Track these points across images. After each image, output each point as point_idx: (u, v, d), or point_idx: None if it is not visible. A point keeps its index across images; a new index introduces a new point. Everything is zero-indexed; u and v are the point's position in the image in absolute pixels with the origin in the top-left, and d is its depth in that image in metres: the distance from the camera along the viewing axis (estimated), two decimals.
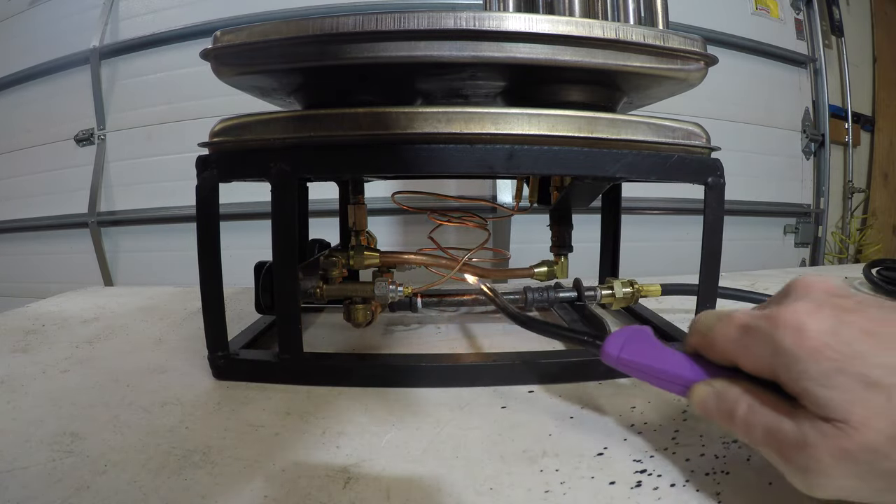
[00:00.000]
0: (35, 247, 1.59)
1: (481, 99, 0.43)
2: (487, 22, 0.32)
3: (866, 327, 0.20)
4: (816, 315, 0.20)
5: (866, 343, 0.19)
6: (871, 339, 0.19)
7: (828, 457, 0.19)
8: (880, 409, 0.18)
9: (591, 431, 0.30)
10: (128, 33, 1.43)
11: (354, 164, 0.34)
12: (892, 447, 0.18)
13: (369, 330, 0.49)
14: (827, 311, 0.20)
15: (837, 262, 1.77)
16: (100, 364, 0.41)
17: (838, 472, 0.19)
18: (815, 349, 0.19)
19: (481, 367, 0.37)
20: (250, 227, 1.24)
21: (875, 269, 0.68)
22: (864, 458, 0.18)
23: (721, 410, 0.23)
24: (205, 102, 1.32)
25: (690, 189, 0.39)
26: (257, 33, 0.34)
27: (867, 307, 0.21)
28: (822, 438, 0.19)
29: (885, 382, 0.18)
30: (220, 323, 0.37)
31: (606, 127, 0.34)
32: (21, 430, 0.30)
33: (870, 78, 1.91)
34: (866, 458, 0.18)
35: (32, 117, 1.55)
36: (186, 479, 0.25)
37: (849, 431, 0.18)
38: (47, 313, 0.59)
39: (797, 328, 0.20)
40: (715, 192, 0.37)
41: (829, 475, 0.19)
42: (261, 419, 0.31)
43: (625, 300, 0.48)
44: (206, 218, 0.36)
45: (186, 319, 0.55)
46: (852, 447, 0.18)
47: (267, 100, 0.43)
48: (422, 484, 0.25)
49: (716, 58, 0.36)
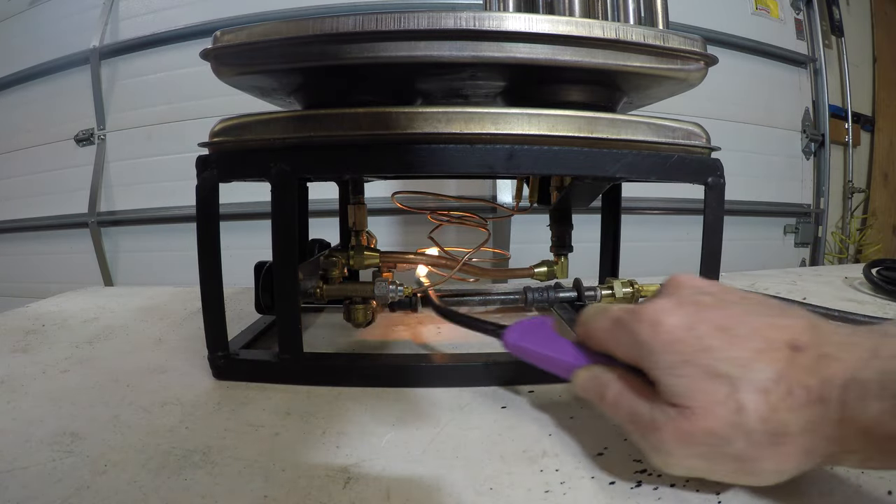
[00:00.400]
0: (35, 247, 1.59)
1: (481, 99, 0.43)
2: (487, 22, 0.32)
3: (720, 323, 0.21)
4: (674, 311, 0.22)
5: (717, 338, 0.21)
6: (723, 334, 0.21)
7: (671, 438, 0.21)
8: (722, 397, 0.20)
9: (591, 431, 0.30)
10: (128, 33, 1.43)
11: (354, 164, 0.34)
12: (734, 433, 0.20)
13: (369, 330, 0.49)
14: (686, 308, 0.22)
15: (837, 262, 1.77)
16: (100, 364, 0.41)
17: (682, 453, 0.21)
18: (667, 342, 0.22)
19: (481, 367, 0.37)
20: (250, 227, 1.24)
21: (875, 269, 0.68)
22: (703, 441, 0.20)
23: (595, 392, 0.25)
24: (205, 102, 1.31)
25: (690, 189, 0.39)
26: (257, 33, 0.34)
27: (728, 304, 0.23)
28: (668, 421, 0.21)
29: (730, 374, 0.20)
30: (220, 323, 0.37)
31: (606, 127, 0.34)
32: (21, 430, 0.30)
33: (870, 78, 1.91)
34: (708, 441, 0.20)
35: (32, 117, 1.55)
36: (186, 479, 0.25)
37: (690, 416, 0.21)
38: (47, 313, 0.59)
39: (654, 323, 0.22)
40: (715, 192, 0.37)
41: (673, 454, 0.21)
42: (261, 419, 0.31)
43: (625, 300, 0.48)
44: (206, 218, 0.36)
45: (186, 319, 0.55)
46: (693, 430, 0.20)
47: (267, 100, 0.43)
48: (422, 484, 0.25)
49: (716, 58, 0.36)
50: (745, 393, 0.20)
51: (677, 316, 0.22)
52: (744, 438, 0.20)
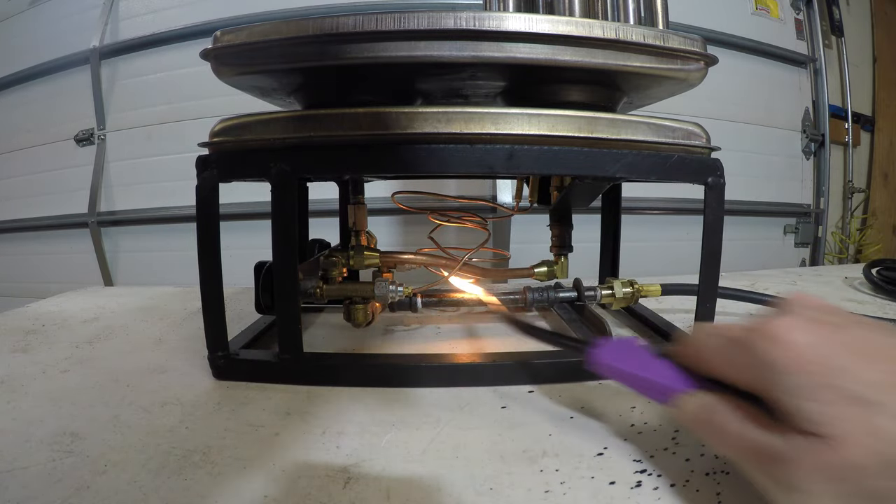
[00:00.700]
0: (35, 247, 1.59)
1: (481, 99, 0.43)
2: (487, 22, 0.32)
3: (852, 344, 0.20)
4: (803, 329, 0.20)
5: (851, 359, 0.19)
6: (856, 355, 0.19)
7: (811, 471, 0.18)
8: (864, 425, 0.18)
9: (591, 431, 0.30)
10: (128, 33, 1.43)
11: (354, 164, 0.34)
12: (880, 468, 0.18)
13: (369, 330, 0.49)
14: (814, 326, 0.20)
15: (837, 262, 1.77)
16: (100, 364, 0.41)
17: (821, 489, 0.18)
18: (801, 362, 0.19)
19: (481, 367, 0.37)
20: (250, 227, 1.24)
21: (875, 269, 0.68)
22: (848, 476, 0.18)
23: (709, 422, 0.22)
24: (205, 102, 1.31)
25: (690, 189, 0.39)
26: (257, 33, 0.34)
27: (853, 325, 0.21)
28: (806, 452, 0.19)
29: (869, 399, 0.18)
30: (220, 323, 0.37)
31: (606, 127, 0.34)
32: (21, 430, 0.30)
33: (870, 78, 1.91)
34: (851, 477, 0.18)
35: (32, 117, 1.55)
36: (186, 479, 0.25)
37: (833, 446, 0.18)
38: (47, 313, 0.59)
39: (784, 341, 0.20)
40: (715, 192, 0.37)
41: (810, 491, 0.19)
42: (261, 419, 0.31)
43: (625, 300, 0.48)
44: (206, 218, 0.36)
45: (186, 319, 0.55)
46: (837, 462, 0.18)
47: (267, 100, 0.43)
48: (422, 484, 0.25)
49: (716, 58, 0.36)
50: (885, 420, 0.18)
51: (808, 334, 0.20)
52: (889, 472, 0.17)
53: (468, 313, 0.55)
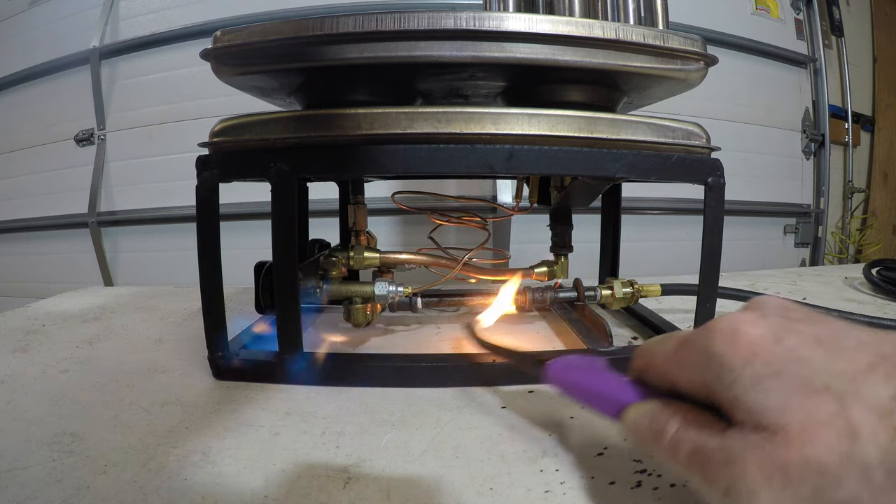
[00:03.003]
0: (35, 247, 1.59)
1: (481, 99, 0.43)
2: (487, 22, 0.32)
3: (816, 335, 0.18)
4: (754, 322, 0.19)
5: (814, 350, 0.17)
6: (819, 346, 0.17)
7: (756, 471, 0.16)
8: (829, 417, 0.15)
9: (591, 431, 0.30)
10: (128, 33, 1.43)
11: (354, 164, 0.34)
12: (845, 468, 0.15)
13: (369, 330, 0.49)
14: (771, 320, 0.19)
15: (837, 262, 1.77)
16: (100, 364, 0.41)
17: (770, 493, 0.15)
18: (747, 353, 0.18)
19: (481, 367, 0.37)
20: (250, 227, 1.24)
21: (875, 269, 0.68)
22: (805, 478, 0.15)
23: (651, 430, 0.21)
24: (205, 102, 1.31)
25: (690, 189, 0.39)
26: (257, 33, 0.34)
27: (821, 320, 0.19)
28: (751, 449, 0.16)
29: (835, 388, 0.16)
30: (220, 323, 0.37)
31: (606, 127, 0.34)
32: (21, 430, 0.30)
33: (870, 78, 1.91)
34: (809, 479, 0.15)
35: (32, 117, 1.55)
36: (186, 480, 0.25)
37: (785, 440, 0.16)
38: (47, 313, 0.59)
39: (730, 333, 0.18)
40: (715, 192, 0.37)
41: (757, 495, 0.16)
42: (261, 419, 0.31)
43: (625, 300, 0.48)
44: (206, 218, 0.36)
45: (186, 319, 0.55)
46: (789, 460, 0.15)
47: (267, 100, 0.43)
48: (422, 484, 0.25)
49: (716, 58, 0.36)
50: (857, 412, 0.15)
51: (760, 327, 0.18)
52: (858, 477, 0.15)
53: (468, 313, 0.55)
